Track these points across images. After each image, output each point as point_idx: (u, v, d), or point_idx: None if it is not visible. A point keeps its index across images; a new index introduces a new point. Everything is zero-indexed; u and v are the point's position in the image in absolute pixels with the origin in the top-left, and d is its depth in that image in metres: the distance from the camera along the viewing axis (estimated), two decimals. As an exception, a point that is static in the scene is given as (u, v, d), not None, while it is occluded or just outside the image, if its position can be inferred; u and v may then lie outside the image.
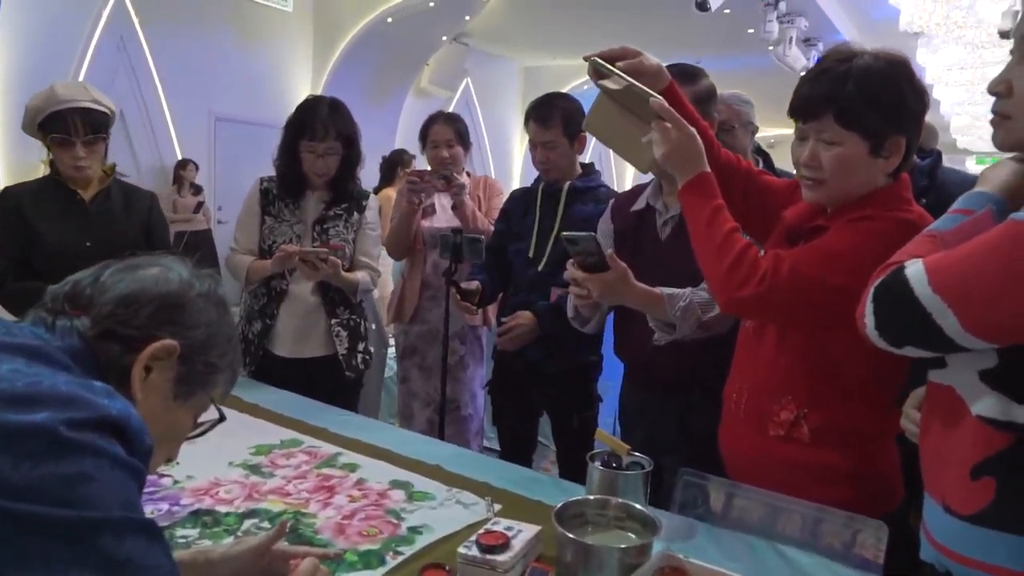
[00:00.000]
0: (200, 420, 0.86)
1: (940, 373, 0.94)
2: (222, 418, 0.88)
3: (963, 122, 9.39)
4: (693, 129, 1.24)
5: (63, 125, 1.86)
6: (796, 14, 6.87)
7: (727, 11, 6.32)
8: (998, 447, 0.85)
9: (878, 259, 1.10)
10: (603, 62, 1.28)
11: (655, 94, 1.25)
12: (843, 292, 1.11)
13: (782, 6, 6.58)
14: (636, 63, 1.30)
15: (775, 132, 15.09)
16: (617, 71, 1.27)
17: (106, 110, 1.95)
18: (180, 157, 6.95)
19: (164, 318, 0.75)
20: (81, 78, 6.18)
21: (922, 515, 0.97)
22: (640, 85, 1.26)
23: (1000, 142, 0.93)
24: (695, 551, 1.05)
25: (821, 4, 6.85)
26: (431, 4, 7.50)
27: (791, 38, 6.96)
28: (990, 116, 0.98)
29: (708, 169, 1.25)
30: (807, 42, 7.55)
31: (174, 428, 0.80)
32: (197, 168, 6.86)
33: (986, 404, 0.86)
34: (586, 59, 1.31)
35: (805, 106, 1.17)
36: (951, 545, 0.88)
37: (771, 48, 7.09)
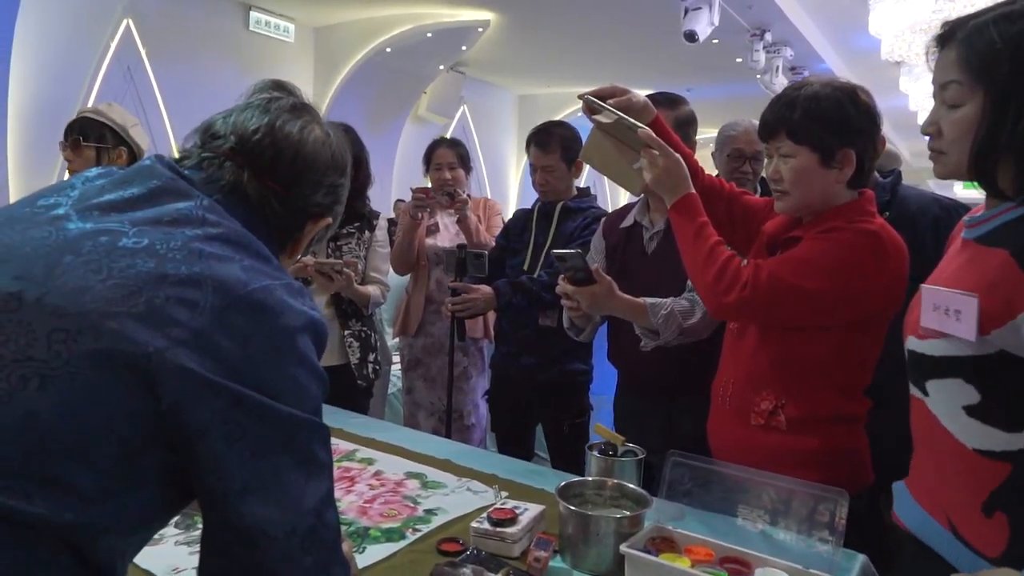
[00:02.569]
0: None
1: (924, 400, 1.01)
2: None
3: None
4: (678, 155, 1.39)
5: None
6: (782, 44, 7.11)
7: (715, 41, 6.54)
8: (1001, 478, 0.90)
9: (844, 265, 1.26)
10: (595, 99, 1.43)
11: (643, 125, 1.40)
12: (815, 295, 1.27)
13: (768, 37, 6.82)
14: (625, 100, 1.45)
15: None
16: (608, 107, 1.42)
17: (102, 119, 2.06)
18: (184, 183, 7.09)
19: (333, 198, 0.86)
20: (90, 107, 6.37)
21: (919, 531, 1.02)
22: (629, 118, 1.41)
23: (938, 174, 1.06)
24: (683, 528, 1.17)
25: (806, 35, 7.10)
26: (428, 35, 7.75)
27: (777, 67, 7.19)
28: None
29: (693, 190, 1.40)
30: (793, 71, 7.78)
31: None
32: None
33: (978, 437, 0.92)
34: (580, 97, 1.46)
35: (765, 128, 1.35)
36: None
37: (759, 76, 7.32)
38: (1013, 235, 0.92)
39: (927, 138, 1.06)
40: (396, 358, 3.43)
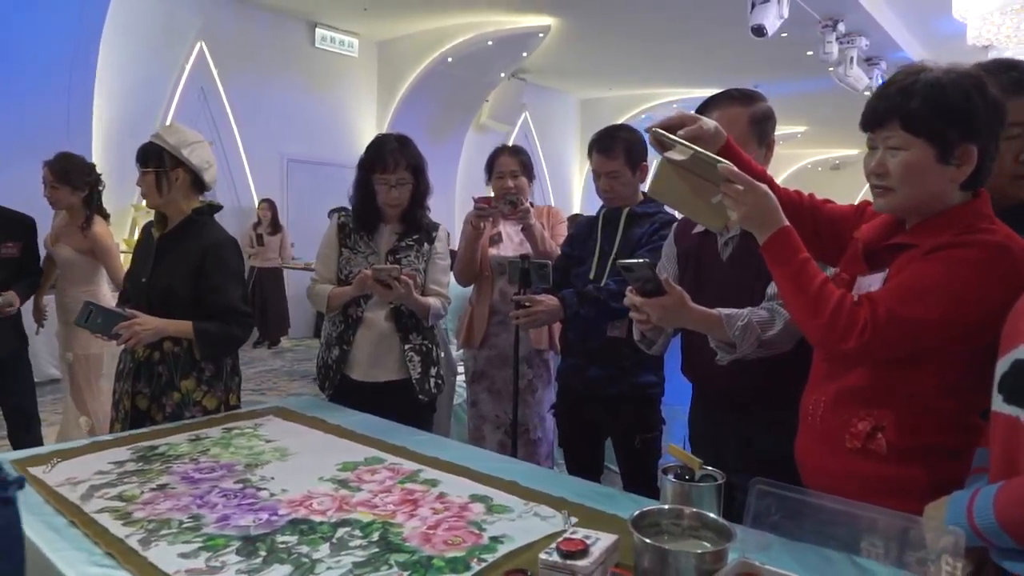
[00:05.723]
0: None
1: None
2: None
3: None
4: (764, 186, 1.26)
5: None
6: (856, 34, 6.80)
7: (784, 35, 6.30)
8: None
9: (972, 288, 1.11)
10: (665, 132, 1.31)
11: (722, 159, 1.27)
12: (941, 325, 1.13)
13: (841, 27, 6.53)
14: (696, 128, 1.33)
15: (840, 153, 14.83)
16: (679, 140, 1.30)
17: (159, 143, 2.09)
18: (256, 198, 7.33)
19: None
20: (167, 127, 6.69)
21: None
22: (705, 152, 1.28)
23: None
24: (770, 562, 1.07)
25: (882, 23, 6.76)
26: (489, 43, 7.76)
27: (852, 58, 6.88)
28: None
29: (786, 223, 1.25)
30: (869, 61, 7.44)
31: None
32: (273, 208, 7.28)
33: None
34: (648, 131, 1.34)
35: (873, 116, 1.19)
36: None
37: (831, 69, 7.02)
38: None
39: None
40: (461, 369, 3.40)
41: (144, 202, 2.25)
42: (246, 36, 7.31)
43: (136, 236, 5.82)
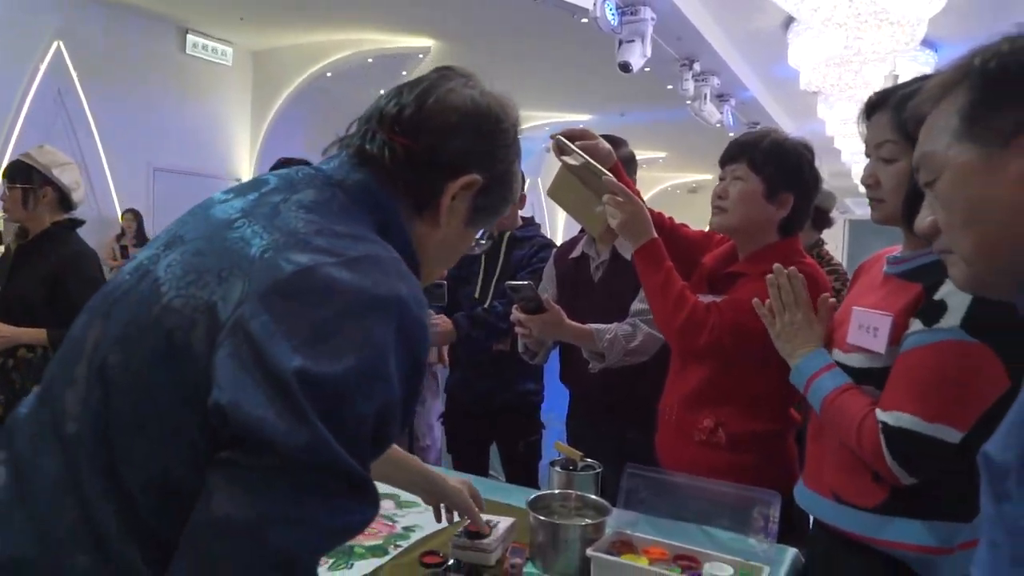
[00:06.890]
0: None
1: None
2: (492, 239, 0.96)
3: (862, 169, 10.27)
4: (640, 201, 1.52)
5: None
6: (710, 73, 7.50)
7: (647, 69, 6.86)
8: None
9: None
10: (565, 140, 1.54)
11: (607, 172, 1.51)
12: (762, 332, 1.40)
13: (696, 67, 7.19)
14: (592, 145, 1.58)
15: (697, 177, 16.06)
16: (576, 149, 1.52)
17: (29, 162, 2.18)
18: (119, 208, 6.96)
19: (477, 149, 0.77)
20: (17, 130, 6.19)
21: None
22: (595, 163, 1.52)
23: (876, 219, 1.23)
24: (639, 532, 1.31)
25: (731, 65, 7.51)
26: (369, 61, 7.83)
27: (705, 94, 7.57)
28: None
29: (655, 235, 1.51)
30: (720, 98, 8.21)
31: (461, 248, 0.85)
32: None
33: None
34: (552, 137, 1.57)
35: (730, 153, 1.52)
36: (857, 531, 1.14)
37: (688, 103, 7.69)
38: (929, 274, 1.12)
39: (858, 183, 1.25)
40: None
41: None
42: (110, 38, 6.94)
43: (-19, 247, 5.38)
